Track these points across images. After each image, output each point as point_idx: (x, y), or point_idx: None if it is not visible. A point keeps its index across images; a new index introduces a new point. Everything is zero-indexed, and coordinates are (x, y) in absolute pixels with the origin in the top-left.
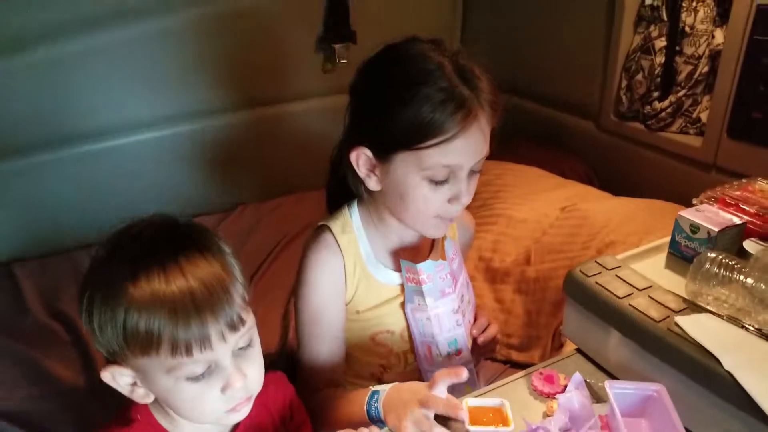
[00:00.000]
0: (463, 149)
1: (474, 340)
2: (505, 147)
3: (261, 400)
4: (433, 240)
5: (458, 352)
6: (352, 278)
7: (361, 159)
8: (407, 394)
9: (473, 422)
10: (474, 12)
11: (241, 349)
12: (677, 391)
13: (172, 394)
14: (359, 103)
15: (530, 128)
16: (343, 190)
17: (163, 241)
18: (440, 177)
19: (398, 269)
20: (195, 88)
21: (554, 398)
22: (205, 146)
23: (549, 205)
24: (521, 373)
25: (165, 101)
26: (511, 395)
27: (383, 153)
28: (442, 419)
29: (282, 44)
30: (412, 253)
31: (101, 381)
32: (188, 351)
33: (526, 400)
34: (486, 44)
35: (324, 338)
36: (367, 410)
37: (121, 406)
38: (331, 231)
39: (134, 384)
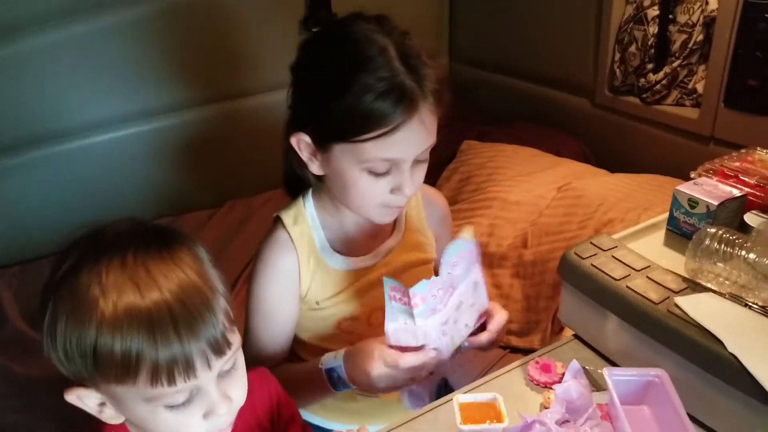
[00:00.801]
0: (404, 143)
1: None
2: (498, 128)
3: (246, 401)
4: (394, 222)
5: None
6: (306, 270)
7: (301, 144)
8: (362, 354)
9: (465, 420)
10: None
11: (225, 371)
12: (679, 376)
13: (150, 423)
14: (299, 84)
15: (523, 108)
16: (297, 176)
17: (132, 248)
18: (380, 170)
19: (357, 254)
20: (174, 81)
21: (551, 388)
22: (187, 141)
23: (544, 186)
24: (517, 362)
25: (142, 95)
26: (506, 386)
27: (321, 142)
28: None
29: (263, 31)
30: (373, 238)
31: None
32: (170, 380)
33: (522, 391)
34: (476, 23)
35: (272, 332)
36: (334, 387)
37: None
38: (283, 224)
39: (103, 404)
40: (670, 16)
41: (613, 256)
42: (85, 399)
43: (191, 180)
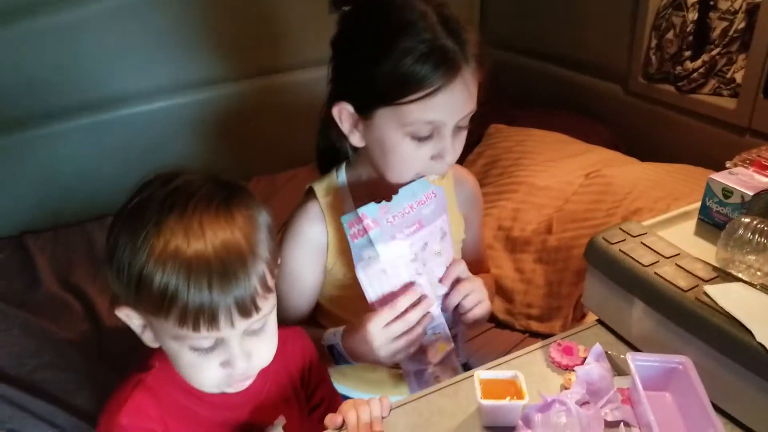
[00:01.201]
0: (447, 105)
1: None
2: (526, 113)
3: (279, 357)
4: None
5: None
6: (334, 241)
7: (343, 115)
8: (358, 328)
9: (486, 396)
10: None
11: (252, 329)
12: (704, 364)
13: (174, 356)
14: (340, 56)
15: (553, 93)
16: (332, 150)
17: (196, 198)
18: (423, 133)
19: None
20: (210, 55)
21: (573, 371)
22: (217, 116)
23: (572, 172)
24: (539, 344)
25: (175, 69)
26: (527, 367)
27: (364, 109)
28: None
29: (295, 9)
30: None
31: (117, 323)
32: (195, 326)
33: (544, 372)
34: (508, 6)
35: (294, 299)
36: (337, 363)
37: (140, 358)
38: (315, 195)
39: (145, 326)
40: (711, 2)
41: (642, 243)
42: (132, 318)
43: (221, 153)
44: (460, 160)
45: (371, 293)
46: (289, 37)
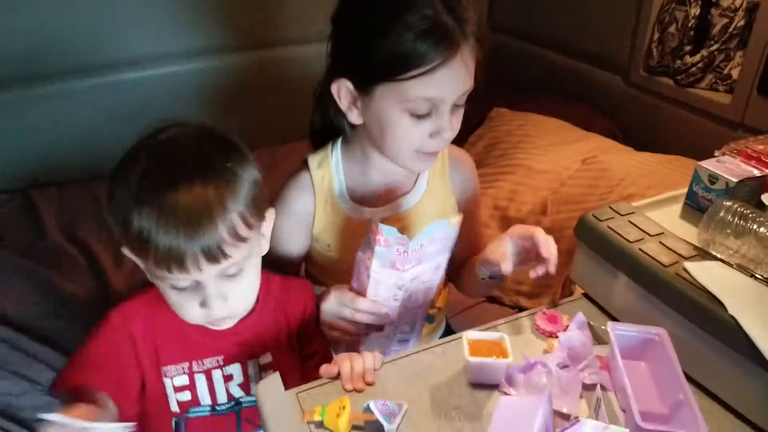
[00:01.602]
0: (446, 81)
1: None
2: (528, 99)
3: (279, 303)
4: (416, 180)
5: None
6: (321, 212)
7: (342, 91)
8: (326, 293)
9: (473, 353)
10: None
11: (228, 275)
12: (680, 335)
13: (162, 292)
14: (340, 32)
15: (555, 81)
16: (328, 126)
17: (186, 148)
18: (422, 110)
19: (375, 205)
20: (212, 25)
21: (555, 337)
22: (220, 85)
23: (570, 157)
24: (525, 313)
25: (182, 36)
26: (513, 333)
27: (364, 85)
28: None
29: None
30: (393, 192)
31: (122, 278)
32: (168, 268)
33: (529, 338)
34: None
35: (277, 263)
36: None
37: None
38: (308, 166)
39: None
40: None
41: (629, 221)
42: (132, 256)
43: (224, 123)
44: (461, 141)
45: (354, 276)
46: (292, 12)
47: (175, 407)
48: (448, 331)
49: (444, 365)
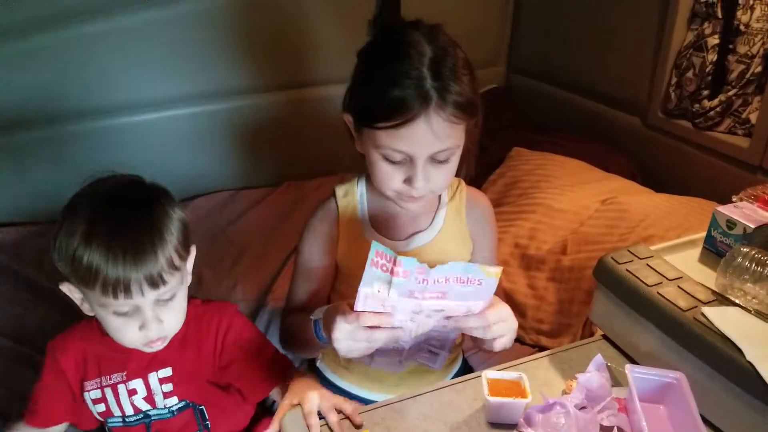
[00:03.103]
0: (410, 140)
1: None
2: (547, 138)
3: (205, 321)
4: (433, 218)
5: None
6: (345, 237)
7: (349, 123)
8: (330, 314)
9: (492, 393)
10: (526, 2)
11: (163, 300)
12: (698, 380)
13: (103, 321)
14: (354, 70)
15: (574, 121)
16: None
17: (125, 195)
18: (395, 158)
19: (391, 237)
20: (245, 67)
21: (574, 378)
22: (252, 123)
23: (589, 197)
24: (545, 353)
25: (215, 77)
26: (532, 372)
27: (356, 123)
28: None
29: (333, 27)
30: (408, 227)
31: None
32: (114, 295)
33: (547, 378)
34: (536, 35)
35: (303, 278)
36: (318, 337)
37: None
38: (335, 196)
39: (83, 299)
40: (730, 46)
41: (647, 264)
42: (73, 292)
43: (253, 160)
44: (481, 180)
45: (360, 306)
46: (317, 54)
47: (97, 417)
48: (465, 367)
49: (463, 403)
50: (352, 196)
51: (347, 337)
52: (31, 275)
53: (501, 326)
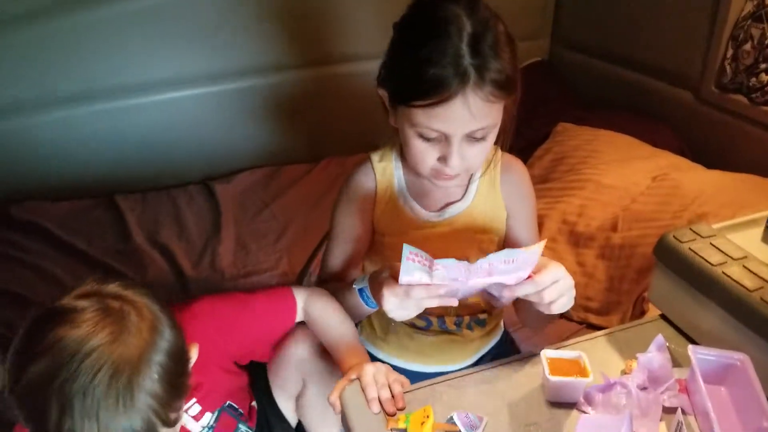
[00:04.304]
0: (446, 118)
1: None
2: (594, 114)
3: (189, 333)
4: (466, 188)
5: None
6: (381, 201)
7: (384, 98)
8: (376, 285)
9: (553, 372)
10: None
11: None
12: (763, 361)
13: None
14: (389, 45)
15: (622, 96)
16: None
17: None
18: (430, 135)
19: (425, 206)
20: (281, 42)
21: (634, 358)
22: (292, 99)
23: (640, 173)
24: (602, 332)
25: (253, 53)
26: (589, 352)
27: (391, 100)
28: None
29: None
30: (442, 197)
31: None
32: None
33: (604, 357)
34: (582, 7)
35: (338, 242)
36: (367, 305)
37: None
38: (370, 160)
39: None
40: None
41: (711, 243)
42: None
43: (293, 135)
44: (527, 155)
45: (404, 283)
46: (356, 28)
47: None
48: (506, 337)
49: (521, 380)
50: (388, 162)
51: (397, 307)
52: (84, 248)
53: (556, 287)
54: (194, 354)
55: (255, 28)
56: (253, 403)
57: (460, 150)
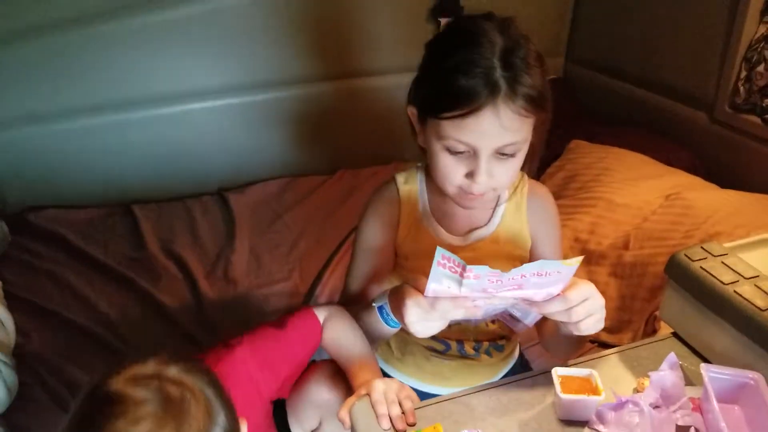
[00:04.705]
0: (475, 131)
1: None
2: (607, 131)
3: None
4: (492, 214)
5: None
6: (405, 224)
7: (413, 116)
8: (398, 299)
9: (564, 390)
10: None
11: None
12: None
13: None
14: (421, 62)
15: (635, 115)
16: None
17: None
18: (458, 149)
19: (449, 231)
20: (302, 55)
21: (646, 376)
22: (309, 112)
23: (652, 192)
24: (612, 350)
25: (273, 66)
26: (600, 369)
27: (421, 115)
28: None
29: (392, 15)
30: (467, 221)
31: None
32: None
33: (616, 375)
34: (597, 26)
35: (361, 262)
36: (387, 323)
37: None
38: (395, 181)
39: None
40: None
41: (722, 262)
42: None
43: (308, 147)
44: (539, 172)
45: (431, 293)
46: (374, 43)
47: None
48: (521, 361)
49: (531, 398)
50: (413, 184)
51: (421, 319)
52: (99, 256)
53: (585, 306)
54: (244, 430)
55: (275, 42)
56: None
57: (488, 166)
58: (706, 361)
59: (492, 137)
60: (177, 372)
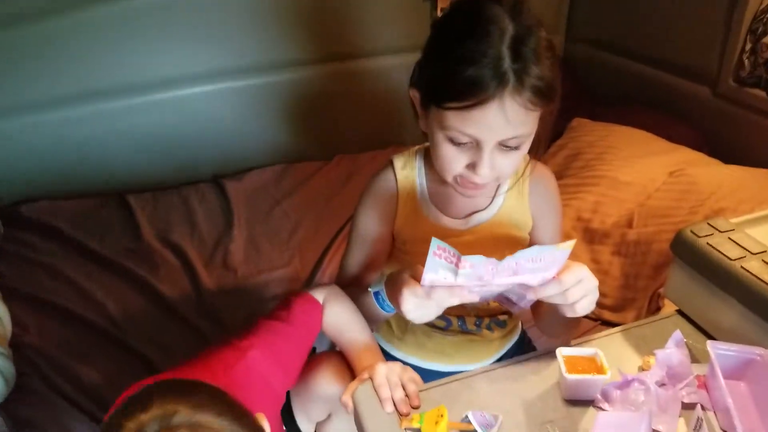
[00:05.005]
0: (480, 123)
1: None
2: (609, 109)
3: (244, 395)
4: (492, 198)
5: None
6: (402, 209)
7: (415, 100)
8: (394, 285)
9: (569, 370)
10: None
11: None
12: None
13: None
14: (425, 45)
15: (637, 91)
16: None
17: None
18: (461, 140)
19: (449, 215)
20: (294, 38)
21: (652, 354)
22: (304, 96)
23: (656, 169)
24: (617, 329)
25: (264, 50)
26: (604, 348)
27: (424, 101)
28: None
29: None
30: (467, 205)
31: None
32: None
33: (621, 353)
34: (598, 2)
35: (357, 246)
36: (383, 308)
37: None
38: (393, 166)
39: None
40: None
41: (729, 238)
42: None
43: (304, 132)
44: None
45: (427, 282)
46: (368, 25)
47: None
48: (523, 338)
49: (536, 378)
50: (411, 169)
51: (417, 307)
52: (95, 247)
53: (579, 287)
54: (266, 427)
55: (267, 24)
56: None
57: (491, 158)
58: (711, 338)
59: (497, 130)
60: (185, 415)
